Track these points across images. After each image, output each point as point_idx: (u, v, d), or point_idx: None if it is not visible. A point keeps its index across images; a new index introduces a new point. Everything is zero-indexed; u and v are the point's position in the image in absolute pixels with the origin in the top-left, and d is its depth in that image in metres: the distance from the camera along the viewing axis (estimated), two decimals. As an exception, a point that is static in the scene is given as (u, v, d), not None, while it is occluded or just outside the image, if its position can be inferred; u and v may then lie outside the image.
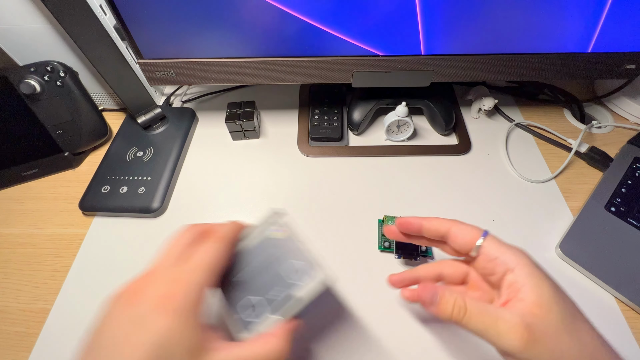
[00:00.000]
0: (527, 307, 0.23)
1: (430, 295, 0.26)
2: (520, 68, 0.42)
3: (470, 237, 0.27)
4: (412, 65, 0.42)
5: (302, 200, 0.44)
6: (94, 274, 0.40)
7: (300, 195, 0.45)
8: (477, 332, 0.23)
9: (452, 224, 0.28)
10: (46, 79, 0.44)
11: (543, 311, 0.23)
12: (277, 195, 0.45)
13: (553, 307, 0.23)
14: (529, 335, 0.22)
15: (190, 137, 0.52)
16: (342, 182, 0.46)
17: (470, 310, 0.24)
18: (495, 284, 0.27)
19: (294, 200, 0.44)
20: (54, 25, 0.43)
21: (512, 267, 0.25)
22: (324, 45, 0.40)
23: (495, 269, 0.26)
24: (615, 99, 0.53)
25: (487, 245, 0.26)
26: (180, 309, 0.21)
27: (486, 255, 0.26)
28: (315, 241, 0.41)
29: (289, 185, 0.46)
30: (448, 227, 0.28)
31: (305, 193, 0.45)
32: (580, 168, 0.47)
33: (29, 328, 0.37)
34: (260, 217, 0.30)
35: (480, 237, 0.26)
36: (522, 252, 0.26)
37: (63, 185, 0.48)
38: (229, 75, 0.43)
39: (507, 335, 0.22)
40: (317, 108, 0.52)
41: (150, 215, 0.43)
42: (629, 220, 0.39)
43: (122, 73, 0.44)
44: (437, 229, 0.28)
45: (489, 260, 0.26)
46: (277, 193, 0.45)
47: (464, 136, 0.50)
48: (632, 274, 0.36)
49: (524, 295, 0.23)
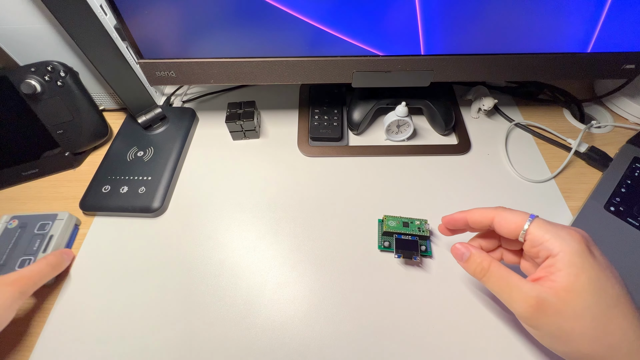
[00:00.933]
0: (555, 289, 0.24)
1: (462, 252, 0.30)
2: (520, 68, 0.42)
3: (515, 223, 0.27)
4: (412, 65, 0.42)
5: (302, 200, 0.44)
6: (95, 273, 0.40)
7: (300, 195, 0.45)
8: (493, 291, 0.27)
9: (496, 213, 0.29)
10: (47, 79, 0.44)
11: (571, 296, 0.24)
12: (277, 195, 0.45)
13: (583, 295, 0.24)
14: (539, 308, 0.24)
15: (191, 137, 0.52)
16: (342, 182, 0.46)
17: (491, 272, 0.27)
18: (539, 264, 0.27)
19: (294, 199, 0.45)
20: (54, 25, 0.43)
21: (555, 253, 0.25)
22: (324, 45, 0.40)
23: (539, 254, 0.26)
24: (614, 99, 0.53)
25: (533, 231, 0.26)
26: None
27: (530, 241, 0.27)
28: (316, 241, 0.41)
29: (289, 185, 0.46)
30: (492, 217, 0.29)
31: (305, 193, 0.45)
32: (579, 168, 0.47)
33: (29, 328, 0.37)
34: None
35: (526, 222, 0.27)
36: (572, 238, 0.26)
37: (63, 185, 0.48)
38: (229, 75, 0.43)
39: (517, 301, 0.25)
40: (317, 108, 0.52)
41: (150, 215, 0.43)
42: (628, 220, 0.39)
43: (123, 73, 0.44)
44: (480, 220, 0.30)
45: (532, 246, 0.27)
46: (277, 193, 0.46)
47: (464, 136, 0.50)
48: (632, 274, 0.36)
49: (556, 278, 0.25)
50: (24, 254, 0.39)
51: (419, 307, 0.36)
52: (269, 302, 0.37)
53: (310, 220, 0.43)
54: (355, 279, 0.38)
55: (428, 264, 0.39)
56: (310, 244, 0.41)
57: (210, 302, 0.37)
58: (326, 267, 0.39)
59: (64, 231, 0.41)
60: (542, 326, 0.25)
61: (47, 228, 0.40)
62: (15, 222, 0.41)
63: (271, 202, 0.45)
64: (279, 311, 0.36)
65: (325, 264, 0.39)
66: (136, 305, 0.37)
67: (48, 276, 0.36)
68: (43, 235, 0.40)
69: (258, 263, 0.40)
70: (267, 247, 0.41)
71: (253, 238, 0.42)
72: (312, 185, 0.46)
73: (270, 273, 0.39)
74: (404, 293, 0.37)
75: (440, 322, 0.35)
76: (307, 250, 0.40)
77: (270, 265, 0.39)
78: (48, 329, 0.36)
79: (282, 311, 0.36)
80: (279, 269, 0.39)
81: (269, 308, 0.36)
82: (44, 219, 0.41)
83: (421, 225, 0.39)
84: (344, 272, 0.38)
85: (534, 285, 0.25)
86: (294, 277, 0.38)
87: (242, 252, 0.41)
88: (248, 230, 0.42)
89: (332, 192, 0.45)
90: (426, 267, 0.39)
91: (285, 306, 0.37)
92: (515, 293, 0.26)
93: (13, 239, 0.40)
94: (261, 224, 0.43)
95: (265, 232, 0.42)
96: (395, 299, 0.37)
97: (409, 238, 0.38)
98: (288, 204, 0.44)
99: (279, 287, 0.38)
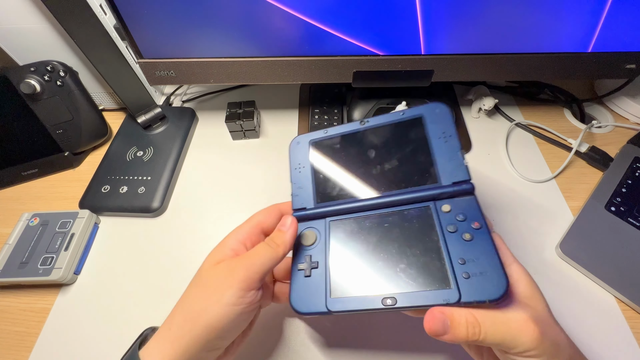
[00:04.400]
0: (522, 300, 0.23)
1: (440, 324, 0.22)
2: (520, 68, 0.42)
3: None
4: (412, 65, 0.42)
5: (302, 200, 0.44)
6: (94, 273, 0.40)
7: (300, 195, 0.45)
8: (495, 344, 0.22)
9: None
10: (46, 78, 0.44)
11: (533, 302, 0.23)
12: (277, 195, 0.45)
13: (539, 298, 0.23)
14: (539, 329, 0.22)
15: (190, 137, 0.52)
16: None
17: (484, 323, 0.22)
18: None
19: (294, 200, 0.44)
20: (54, 25, 0.43)
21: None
22: (324, 45, 0.40)
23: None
24: (615, 99, 0.53)
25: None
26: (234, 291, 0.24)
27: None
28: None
29: (289, 184, 0.46)
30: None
31: (305, 193, 0.45)
32: (580, 168, 0.47)
33: (29, 328, 0.37)
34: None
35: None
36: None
37: (63, 185, 0.48)
38: (229, 75, 0.43)
39: (521, 335, 0.22)
40: (317, 108, 0.52)
41: (150, 214, 0.43)
42: (629, 220, 0.39)
43: (122, 73, 0.44)
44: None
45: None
46: (277, 192, 0.45)
47: (464, 136, 0.50)
48: (632, 274, 0.36)
49: (512, 288, 0.23)
50: (46, 251, 0.38)
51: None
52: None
53: (310, 220, 0.43)
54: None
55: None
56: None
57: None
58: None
59: (85, 229, 0.41)
60: (547, 345, 0.22)
61: (68, 226, 0.40)
62: (36, 220, 0.41)
63: (271, 201, 0.44)
64: (279, 310, 0.36)
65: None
66: (135, 305, 0.37)
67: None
68: (64, 234, 0.40)
69: (258, 263, 0.39)
70: (267, 247, 0.41)
71: (253, 238, 0.41)
72: (312, 185, 0.46)
73: (270, 273, 0.39)
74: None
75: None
76: (307, 251, 0.40)
77: (270, 266, 0.39)
78: (48, 329, 0.36)
79: (282, 309, 0.36)
80: (278, 269, 0.39)
81: (269, 307, 0.36)
82: (65, 217, 0.41)
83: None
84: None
85: (515, 310, 0.22)
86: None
87: (242, 252, 0.40)
88: (248, 230, 0.42)
89: (332, 192, 0.45)
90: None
91: (285, 305, 0.36)
92: (516, 328, 0.22)
93: (35, 236, 0.40)
94: (261, 224, 0.43)
95: (265, 232, 0.42)
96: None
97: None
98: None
99: (279, 287, 0.38)
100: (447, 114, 0.29)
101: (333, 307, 0.25)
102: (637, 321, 0.35)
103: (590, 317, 0.34)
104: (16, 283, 0.38)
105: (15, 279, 0.37)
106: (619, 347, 0.33)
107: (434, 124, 0.29)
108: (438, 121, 0.29)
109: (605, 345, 0.33)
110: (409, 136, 0.30)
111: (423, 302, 0.23)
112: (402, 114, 0.30)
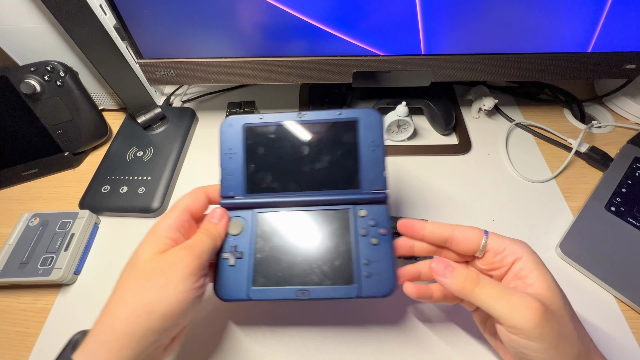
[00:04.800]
0: (537, 290, 0.24)
1: (443, 266, 0.26)
2: (520, 68, 0.42)
3: (474, 238, 0.27)
4: (412, 65, 0.42)
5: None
6: (94, 273, 0.40)
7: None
8: (488, 304, 0.23)
9: (455, 228, 0.28)
10: (46, 78, 0.44)
11: (551, 294, 0.24)
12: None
13: (558, 293, 0.24)
14: (545, 311, 0.22)
15: (190, 137, 0.52)
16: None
17: (483, 284, 0.24)
18: (499, 277, 0.27)
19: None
20: (54, 25, 0.43)
21: (519, 255, 0.25)
22: (324, 45, 0.40)
23: (503, 261, 0.26)
24: (615, 99, 0.53)
25: (492, 242, 0.27)
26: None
27: (493, 250, 0.26)
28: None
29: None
30: (451, 232, 0.28)
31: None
32: (580, 168, 0.47)
33: (29, 328, 0.37)
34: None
35: (483, 237, 0.27)
36: (524, 243, 0.27)
37: (63, 185, 0.48)
38: (229, 75, 0.43)
39: (521, 309, 0.22)
40: (317, 108, 0.52)
41: (150, 215, 0.43)
42: (629, 220, 0.39)
43: (122, 73, 0.44)
44: (439, 232, 0.28)
45: (496, 254, 0.26)
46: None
47: (464, 136, 0.50)
48: (632, 274, 0.36)
49: (532, 280, 0.24)
50: (46, 251, 0.38)
51: (419, 307, 0.36)
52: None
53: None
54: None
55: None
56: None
57: (209, 301, 0.37)
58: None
59: (85, 229, 0.41)
60: (546, 335, 0.22)
61: (68, 226, 0.40)
62: (36, 220, 0.41)
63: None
64: (278, 308, 0.36)
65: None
66: (136, 306, 0.37)
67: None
68: (64, 234, 0.40)
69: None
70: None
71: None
72: (312, 185, 0.46)
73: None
74: (404, 293, 0.37)
75: (440, 322, 0.35)
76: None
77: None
78: (48, 329, 0.36)
79: (281, 308, 0.36)
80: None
81: (268, 306, 0.36)
82: (65, 217, 0.41)
83: (421, 226, 0.39)
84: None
85: (525, 292, 0.24)
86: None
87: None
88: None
89: (332, 192, 0.45)
90: (426, 268, 0.38)
91: (285, 305, 0.36)
92: (517, 301, 0.23)
93: (35, 236, 0.40)
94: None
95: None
96: (395, 299, 0.36)
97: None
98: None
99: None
100: (379, 123, 0.31)
101: (254, 296, 0.28)
102: (637, 321, 0.35)
103: (590, 317, 0.34)
104: (16, 283, 0.38)
105: (15, 279, 0.37)
106: (619, 347, 0.33)
107: (366, 130, 0.31)
108: (370, 128, 0.31)
109: (605, 345, 0.33)
110: (342, 139, 0.31)
111: (330, 295, 0.28)
112: (339, 114, 0.31)
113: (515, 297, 0.23)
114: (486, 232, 0.27)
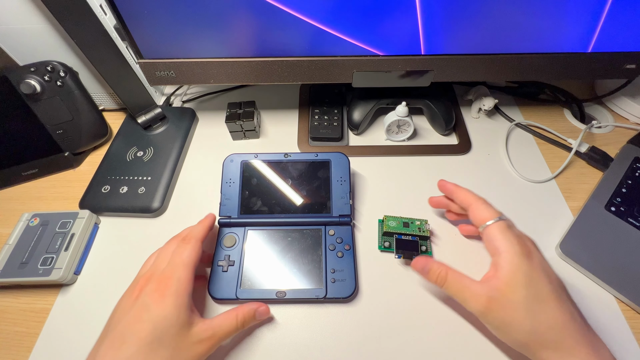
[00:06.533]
0: (499, 284, 0.29)
1: (422, 265, 0.33)
2: (520, 68, 0.42)
3: (483, 217, 0.32)
4: (412, 65, 0.42)
5: (302, 200, 0.44)
6: (94, 273, 0.40)
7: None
8: (453, 294, 0.31)
9: (475, 202, 0.34)
10: (46, 78, 0.44)
11: (509, 290, 0.28)
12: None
13: (519, 290, 0.28)
14: (488, 305, 0.29)
15: (190, 137, 0.52)
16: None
17: (449, 280, 0.31)
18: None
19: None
20: (54, 25, 0.43)
21: (500, 251, 0.30)
22: (324, 45, 0.40)
23: (488, 249, 0.32)
24: (615, 99, 0.53)
25: (492, 229, 0.31)
26: (171, 296, 0.29)
27: (486, 235, 0.32)
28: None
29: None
30: (470, 203, 0.34)
31: (305, 193, 0.45)
32: (580, 168, 0.47)
33: (29, 328, 0.37)
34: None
35: (491, 220, 0.32)
36: (518, 242, 0.30)
37: (63, 185, 0.48)
38: (229, 75, 0.43)
39: (470, 301, 0.30)
40: (317, 108, 0.52)
41: (150, 215, 0.43)
42: (629, 220, 0.39)
43: (122, 73, 0.44)
44: (462, 200, 0.35)
45: (487, 241, 0.32)
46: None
47: (464, 136, 0.50)
48: (632, 274, 0.36)
49: (500, 275, 0.29)
50: (46, 251, 0.38)
51: (419, 307, 0.36)
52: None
53: (310, 220, 0.43)
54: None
55: (428, 264, 0.39)
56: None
57: (208, 300, 0.37)
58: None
59: (85, 230, 0.41)
60: (492, 320, 0.29)
61: (68, 226, 0.40)
62: (36, 220, 0.41)
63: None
64: (277, 307, 0.36)
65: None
66: (136, 306, 0.37)
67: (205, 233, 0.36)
68: (64, 234, 0.40)
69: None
70: (267, 247, 0.41)
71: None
72: (312, 185, 0.46)
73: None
74: (404, 293, 0.37)
75: (440, 323, 0.35)
76: (307, 251, 0.40)
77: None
78: (48, 329, 0.36)
79: (282, 308, 0.36)
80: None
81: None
82: (65, 217, 0.41)
83: (421, 226, 0.39)
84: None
85: (483, 285, 0.30)
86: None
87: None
88: (248, 231, 0.42)
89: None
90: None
91: (284, 305, 0.36)
92: (469, 294, 0.30)
93: (35, 236, 0.40)
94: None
95: (265, 232, 0.42)
96: (395, 299, 0.37)
97: (409, 238, 0.38)
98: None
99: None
100: (346, 163, 0.41)
101: (241, 296, 0.35)
102: (637, 321, 0.35)
103: (590, 317, 0.34)
104: (16, 283, 0.38)
105: (15, 279, 0.37)
106: (619, 347, 0.33)
107: (337, 168, 0.41)
108: (339, 167, 0.41)
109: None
110: (317, 174, 0.41)
111: (304, 296, 0.35)
112: (316, 155, 0.41)
113: (467, 292, 0.30)
114: (498, 219, 0.32)
